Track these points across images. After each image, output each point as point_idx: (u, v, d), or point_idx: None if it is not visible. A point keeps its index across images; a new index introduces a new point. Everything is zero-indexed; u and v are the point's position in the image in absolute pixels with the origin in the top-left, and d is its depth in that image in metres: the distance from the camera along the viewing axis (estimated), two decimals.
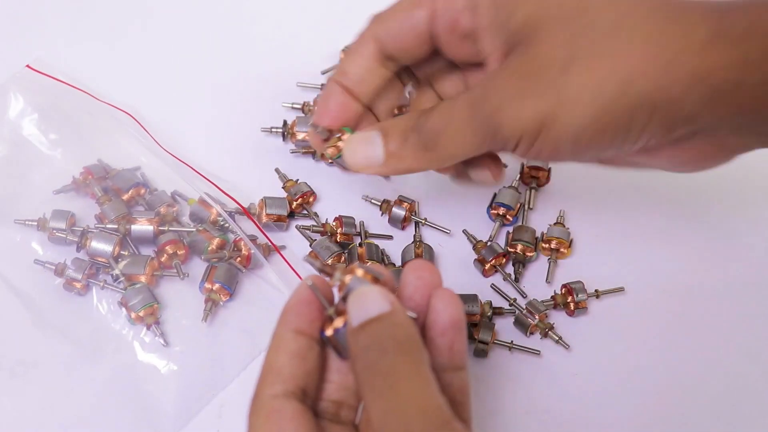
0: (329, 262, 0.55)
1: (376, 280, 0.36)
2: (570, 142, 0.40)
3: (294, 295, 0.37)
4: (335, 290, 0.37)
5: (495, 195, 0.58)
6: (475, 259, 0.56)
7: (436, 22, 0.43)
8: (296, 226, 0.58)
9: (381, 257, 0.55)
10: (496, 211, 0.58)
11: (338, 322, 0.36)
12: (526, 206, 0.59)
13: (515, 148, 0.41)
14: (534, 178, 0.60)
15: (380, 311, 0.34)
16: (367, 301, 0.35)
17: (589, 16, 0.39)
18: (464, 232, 0.58)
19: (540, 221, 0.58)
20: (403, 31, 0.44)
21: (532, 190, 0.59)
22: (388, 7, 0.45)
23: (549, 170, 0.59)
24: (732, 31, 0.38)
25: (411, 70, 0.48)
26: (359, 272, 0.36)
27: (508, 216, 0.57)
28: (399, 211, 0.58)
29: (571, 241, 0.56)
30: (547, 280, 0.55)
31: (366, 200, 0.59)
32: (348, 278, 0.36)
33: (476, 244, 0.56)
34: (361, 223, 0.57)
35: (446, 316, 0.36)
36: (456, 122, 0.41)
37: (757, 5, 0.38)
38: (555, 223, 0.57)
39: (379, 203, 0.59)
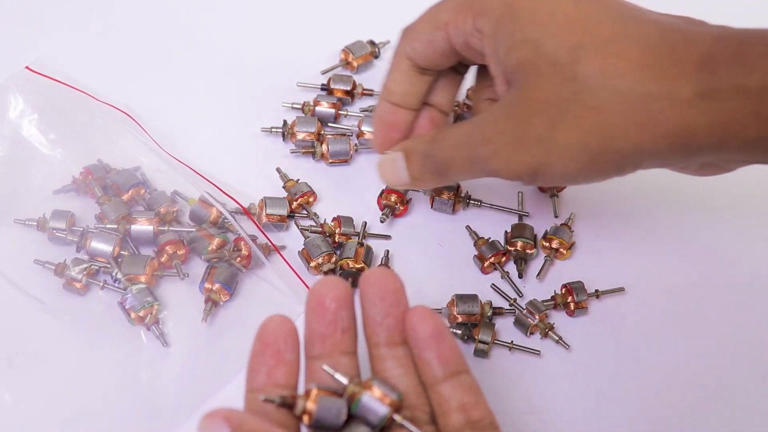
0: (320, 260, 0.54)
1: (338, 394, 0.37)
2: (565, 182, 0.45)
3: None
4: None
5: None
6: (475, 255, 0.56)
7: (452, 42, 0.46)
8: (296, 223, 0.58)
9: (370, 260, 0.55)
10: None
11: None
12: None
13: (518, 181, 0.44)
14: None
15: None
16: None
17: (580, 66, 0.40)
18: (467, 228, 0.57)
19: (539, 221, 0.58)
20: (428, 50, 0.47)
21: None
22: (415, 23, 0.48)
23: None
24: (720, 91, 0.37)
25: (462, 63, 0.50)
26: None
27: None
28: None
29: (572, 244, 0.56)
30: (537, 275, 0.55)
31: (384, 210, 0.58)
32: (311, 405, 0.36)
33: (477, 240, 0.56)
34: (364, 224, 0.57)
35: (424, 331, 0.38)
36: (459, 160, 0.45)
37: (756, 54, 0.37)
38: (562, 224, 0.57)
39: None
